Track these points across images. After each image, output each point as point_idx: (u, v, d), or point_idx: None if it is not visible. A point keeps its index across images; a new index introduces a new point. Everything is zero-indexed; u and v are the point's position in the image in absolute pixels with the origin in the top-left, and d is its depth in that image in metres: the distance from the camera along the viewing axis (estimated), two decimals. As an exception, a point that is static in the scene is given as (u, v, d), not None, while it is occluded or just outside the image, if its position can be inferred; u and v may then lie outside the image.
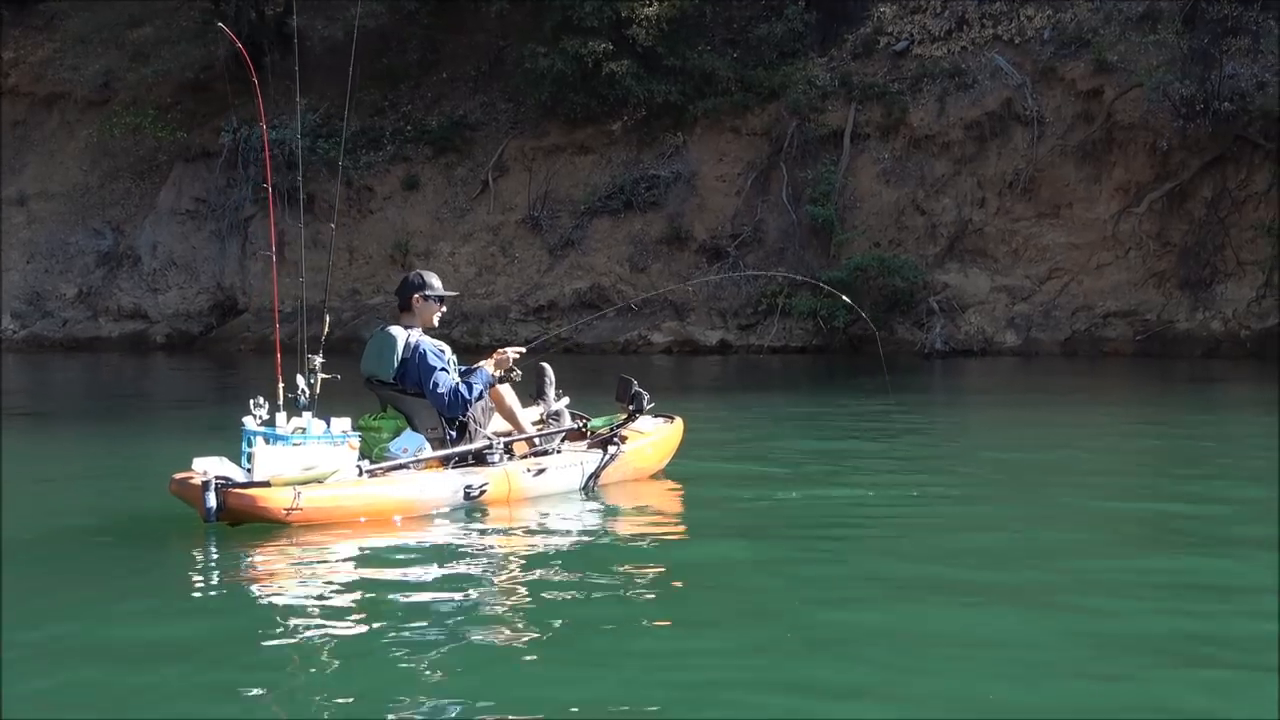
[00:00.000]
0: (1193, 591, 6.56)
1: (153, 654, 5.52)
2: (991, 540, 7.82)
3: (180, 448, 12.08)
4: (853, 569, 7.11)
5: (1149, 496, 9.76)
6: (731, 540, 7.90)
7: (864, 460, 11.63)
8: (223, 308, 32.44)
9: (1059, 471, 10.97)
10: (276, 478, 7.87)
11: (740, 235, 28.81)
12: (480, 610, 6.39)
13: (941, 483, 10.16)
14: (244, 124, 32.30)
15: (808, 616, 6.13)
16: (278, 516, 7.77)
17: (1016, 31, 28.77)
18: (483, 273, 30.46)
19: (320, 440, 8.15)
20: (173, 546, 7.78)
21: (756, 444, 12.80)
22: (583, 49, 28.76)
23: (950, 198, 27.95)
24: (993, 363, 25.04)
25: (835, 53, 30.34)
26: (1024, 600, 6.37)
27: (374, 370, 8.96)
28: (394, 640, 5.69)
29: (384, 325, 9.19)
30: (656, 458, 10.07)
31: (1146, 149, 26.37)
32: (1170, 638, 5.69)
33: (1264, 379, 21.16)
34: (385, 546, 7.63)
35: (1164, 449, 12.90)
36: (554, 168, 31.11)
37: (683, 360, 26.24)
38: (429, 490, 8.42)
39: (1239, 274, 25.30)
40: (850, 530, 8.21)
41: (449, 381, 8.72)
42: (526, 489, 8.91)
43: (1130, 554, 7.65)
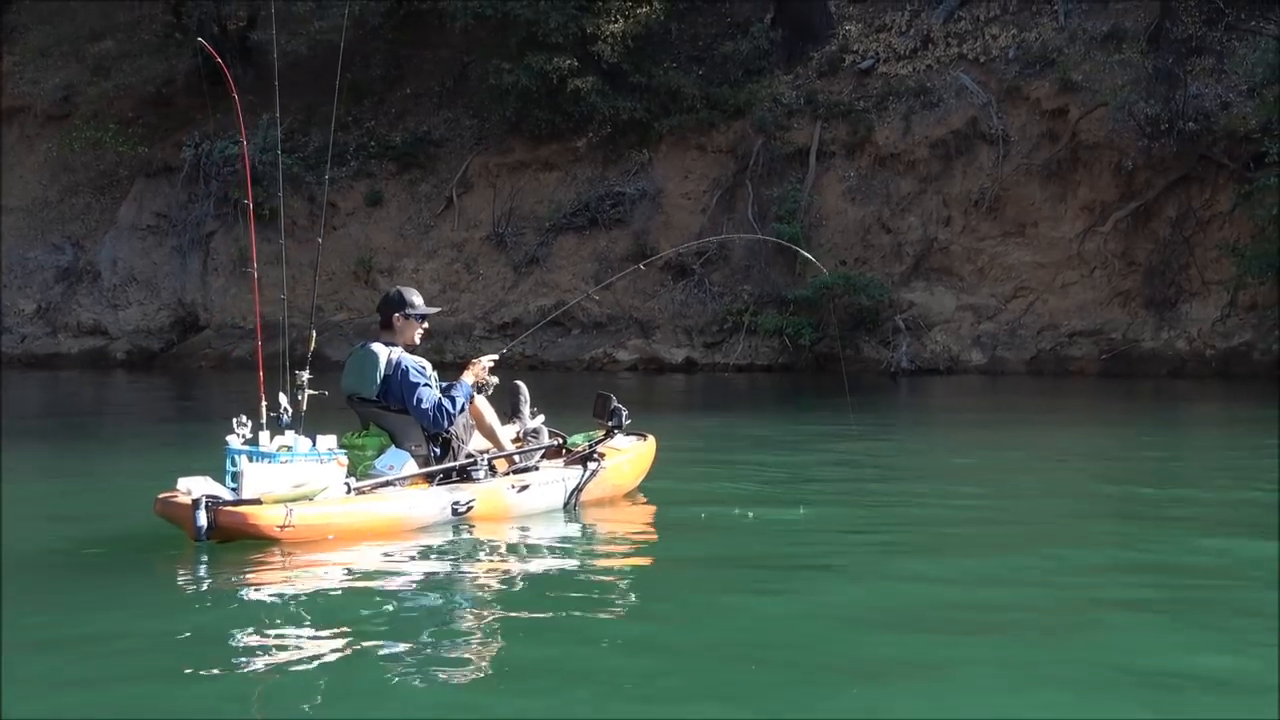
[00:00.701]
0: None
1: (145, 676, 5.49)
2: (957, 569, 7.67)
3: (152, 466, 11.98)
4: (827, 597, 6.98)
5: (1110, 535, 9.45)
6: (710, 565, 7.84)
7: (835, 482, 11.56)
8: (184, 324, 32.13)
9: (1019, 496, 10.81)
10: (267, 495, 7.83)
11: (706, 253, 28.68)
12: (470, 631, 6.38)
13: (915, 505, 10.08)
14: (205, 139, 32.10)
15: (778, 642, 6.06)
16: (270, 534, 7.72)
17: (982, 50, 28.79)
18: (447, 289, 30.25)
19: (308, 458, 8.10)
20: (162, 567, 7.67)
21: (727, 464, 12.69)
22: (548, 65, 28.62)
23: (916, 216, 27.92)
24: (959, 382, 25.00)
25: (801, 70, 30.29)
26: (990, 629, 6.27)
27: (355, 388, 8.89)
28: (384, 659, 5.72)
29: (364, 343, 9.12)
30: (633, 475, 10.07)
31: (1111, 168, 26.40)
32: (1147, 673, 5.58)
33: (1229, 398, 21.26)
34: (375, 566, 7.62)
35: (1126, 472, 12.75)
36: (519, 184, 30.96)
37: (648, 378, 26.10)
38: (418, 507, 8.42)
39: (1204, 293, 25.34)
40: (823, 554, 8.12)
41: (433, 397, 8.68)
42: (511, 506, 8.93)
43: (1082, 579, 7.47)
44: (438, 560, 7.82)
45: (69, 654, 5.80)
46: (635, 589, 7.32)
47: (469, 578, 7.54)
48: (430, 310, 9.18)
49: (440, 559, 7.85)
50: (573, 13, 28.61)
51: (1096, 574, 7.56)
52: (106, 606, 6.71)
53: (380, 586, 7.18)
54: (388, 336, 8.98)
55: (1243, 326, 24.80)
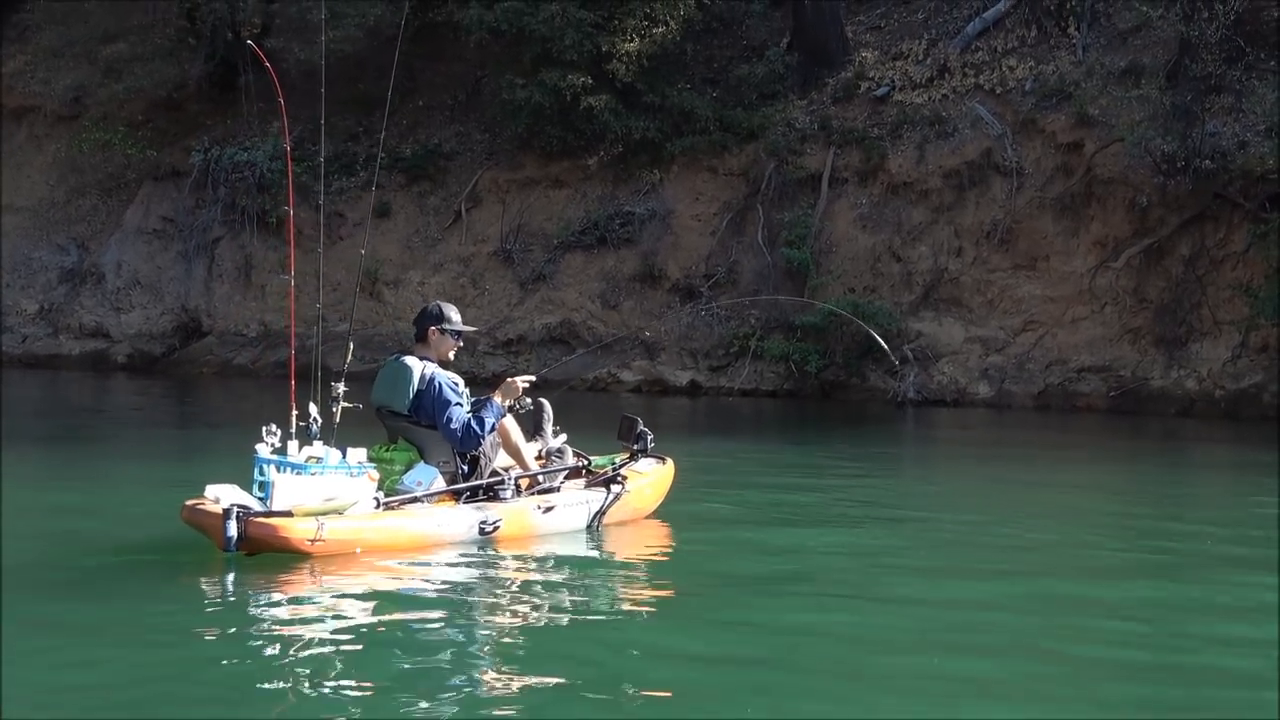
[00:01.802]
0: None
1: (168, 686, 5.56)
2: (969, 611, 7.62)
3: (163, 473, 12.04)
4: (843, 618, 7.15)
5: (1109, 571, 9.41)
6: (728, 587, 7.97)
7: (846, 507, 11.70)
8: (186, 330, 31.94)
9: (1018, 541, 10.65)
10: (299, 508, 7.77)
11: (714, 276, 28.51)
12: (495, 650, 6.43)
13: (924, 540, 10.02)
14: (215, 144, 31.96)
15: (798, 663, 6.24)
16: (300, 547, 7.69)
17: (998, 82, 28.61)
18: (452, 304, 29.99)
19: (338, 471, 8.07)
20: (189, 576, 7.65)
21: (739, 488, 12.75)
22: (561, 82, 28.46)
23: (927, 246, 27.72)
24: (965, 414, 24.78)
25: (815, 96, 30.13)
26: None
27: (387, 400, 8.88)
28: (412, 677, 5.82)
29: (398, 355, 9.13)
30: (654, 498, 10.15)
31: (1125, 204, 26.19)
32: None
33: (1239, 440, 21.01)
34: (404, 583, 7.65)
35: (1131, 518, 12.53)
36: (528, 200, 30.79)
37: (652, 400, 25.88)
38: (446, 525, 8.47)
39: (1215, 333, 25.11)
40: (838, 577, 8.33)
41: (463, 416, 8.67)
42: (536, 526, 9.03)
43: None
44: (465, 579, 7.87)
45: (97, 667, 5.78)
46: (659, 613, 7.40)
47: (495, 598, 7.55)
48: (467, 328, 9.30)
49: (467, 578, 7.91)
50: (588, 31, 28.44)
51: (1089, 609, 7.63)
52: (131, 617, 6.68)
53: (409, 604, 7.21)
54: (421, 350, 9.02)
55: (1254, 368, 24.55)
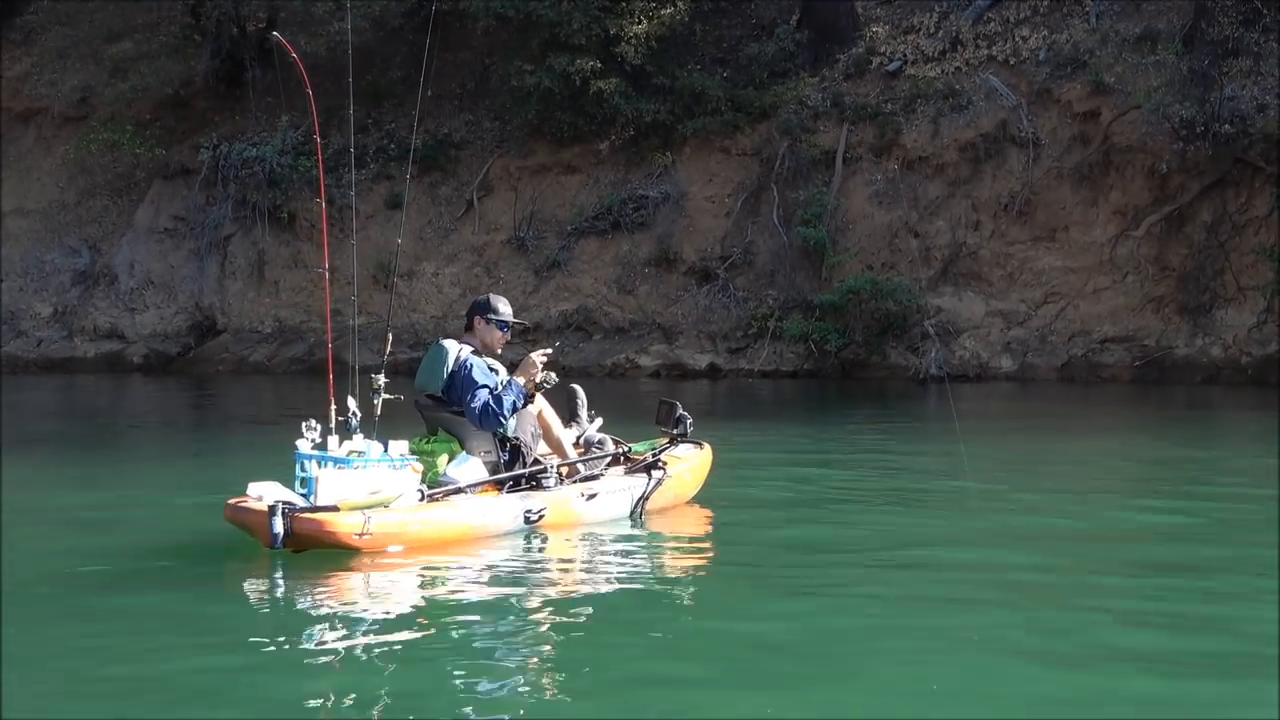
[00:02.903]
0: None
1: (222, 686, 5.54)
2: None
3: (193, 474, 12.02)
4: (890, 599, 6.94)
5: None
6: (773, 572, 7.92)
7: (879, 489, 11.54)
8: (201, 328, 31.79)
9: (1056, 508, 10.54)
10: (344, 502, 7.72)
11: (730, 257, 28.29)
12: (549, 645, 6.35)
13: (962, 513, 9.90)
14: (223, 140, 31.80)
15: (846, 649, 6.17)
16: (347, 542, 7.63)
17: (1011, 52, 28.32)
18: (467, 294, 29.82)
19: (381, 463, 8.02)
20: (236, 575, 7.61)
21: (771, 472, 12.58)
22: (570, 67, 28.23)
23: (944, 220, 27.46)
24: (988, 389, 24.53)
25: (827, 73, 29.86)
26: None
27: (426, 384, 8.86)
28: (460, 671, 5.77)
29: (439, 339, 9.11)
30: (695, 484, 10.08)
31: (1144, 172, 25.91)
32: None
33: (1265, 407, 20.73)
34: (454, 575, 7.64)
35: (1160, 485, 12.31)
36: (540, 187, 30.58)
37: (671, 384, 25.66)
38: (491, 515, 8.43)
39: (1239, 299, 24.84)
40: (880, 559, 8.18)
41: (484, 396, 8.61)
42: (580, 514, 8.96)
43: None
44: (514, 570, 7.83)
45: (148, 668, 5.73)
46: (708, 599, 7.31)
47: (545, 589, 7.47)
48: (516, 320, 9.17)
49: (516, 569, 7.87)
50: (596, 14, 28.19)
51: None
52: (180, 618, 6.65)
53: (460, 597, 7.20)
54: (468, 338, 8.98)
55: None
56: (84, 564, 7.85)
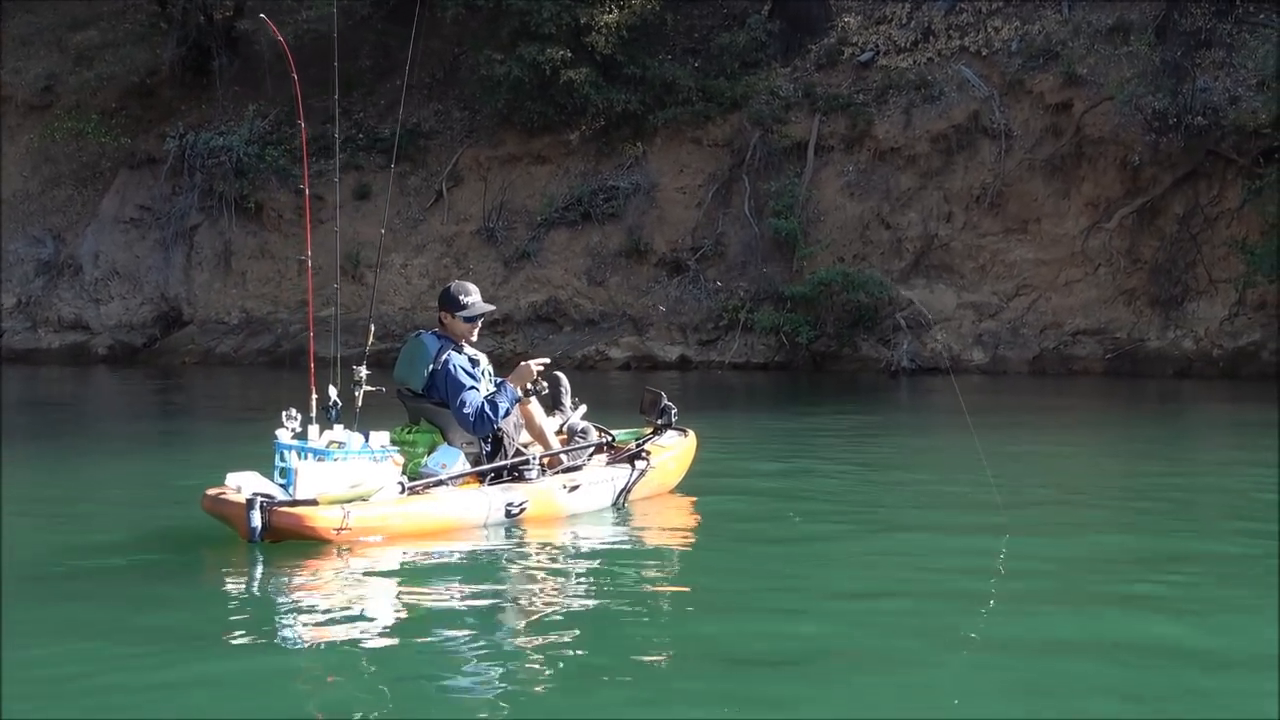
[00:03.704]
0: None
1: (195, 680, 5.46)
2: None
3: (166, 464, 12.15)
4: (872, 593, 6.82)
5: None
6: (757, 565, 7.86)
7: (859, 478, 11.51)
8: (167, 319, 31.48)
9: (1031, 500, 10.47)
10: (324, 495, 7.64)
11: (701, 248, 28.15)
12: (529, 638, 6.27)
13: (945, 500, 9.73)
14: (190, 130, 31.51)
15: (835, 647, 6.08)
16: (326, 536, 7.57)
17: (984, 43, 28.23)
18: (436, 285, 29.59)
19: (361, 455, 7.94)
20: (213, 568, 7.56)
21: (748, 463, 12.54)
22: (540, 56, 28.03)
23: (916, 212, 27.35)
24: (960, 381, 24.37)
25: (799, 63, 29.74)
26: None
27: (405, 378, 8.80)
28: (436, 668, 5.73)
29: (420, 332, 9.03)
30: (679, 472, 10.03)
31: (1117, 164, 25.84)
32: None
33: (1237, 399, 20.69)
34: (433, 570, 7.54)
35: (1131, 479, 12.19)
36: (510, 178, 30.38)
37: (641, 376, 25.48)
38: (473, 508, 8.36)
39: (1211, 292, 24.78)
40: (866, 548, 8.18)
41: (476, 401, 8.55)
42: (563, 506, 8.90)
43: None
44: (495, 564, 7.79)
45: (118, 664, 5.63)
46: (689, 595, 7.21)
47: (526, 582, 7.44)
48: (482, 310, 8.96)
49: (497, 563, 7.81)
50: (566, 3, 27.99)
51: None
52: (154, 611, 6.58)
53: (440, 592, 7.10)
54: (442, 330, 8.88)
55: (1251, 326, 24.25)
56: (57, 559, 7.73)
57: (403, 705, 5.19)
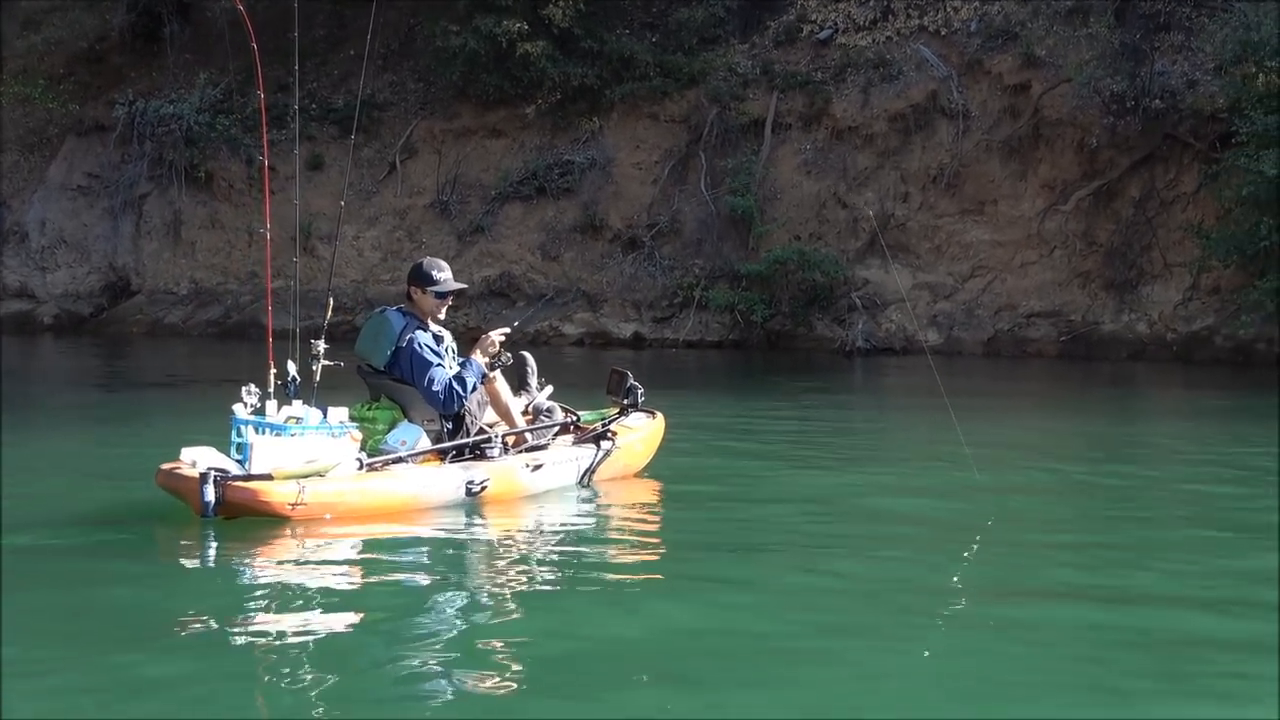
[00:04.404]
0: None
1: (144, 656, 5.34)
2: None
3: (116, 436, 11.89)
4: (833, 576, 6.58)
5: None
6: (719, 547, 7.75)
7: (819, 458, 11.33)
8: (114, 289, 31.10)
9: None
10: (279, 471, 7.52)
11: (657, 225, 28.00)
12: (483, 615, 6.21)
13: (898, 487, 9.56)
14: (139, 97, 31.08)
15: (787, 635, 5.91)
16: (280, 511, 7.43)
17: (943, 23, 28.14)
18: (388, 258, 29.42)
19: (319, 431, 7.81)
20: (165, 543, 7.41)
21: (710, 443, 12.36)
22: (496, 28, 27.78)
23: (873, 191, 27.26)
24: (914, 361, 24.33)
25: (757, 40, 29.58)
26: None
27: (367, 354, 8.64)
28: (393, 641, 5.63)
29: (384, 309, 8.89)
30: (646, 454, 9.87)
31: (1074, 146, 25.84)
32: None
33: (1190, 384, 20.69)
34: (388, 547, 7.38)
35: (1080, 463, 12.05)
36: (464, 151, 30.13)
37: (595, 353, 25.34)
38: (432, 486, 8.17)
39: (1166, 276, 24.82)
40: (827, 534, 8.03)
41: (444, 378, 8.43)
42: (525, 485, 8.73)
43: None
44: (452, 542, 7.61)
45: (67, 641, 5.50)
46: (648, 572, 7.14)
47: (483, 561, 7.34)
48: (453, 287, 8.86)
49: (454, 541, 7.64)
50: (523, -26, 27.76)
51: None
52: (102, 587, 6.41)
53: (395, 570, 6.97)
54: (409, 306, 8.76)
55: (1205, 310, 24.30)
56: (5, 534, 7.49)
57: (352, 685, 5.06)
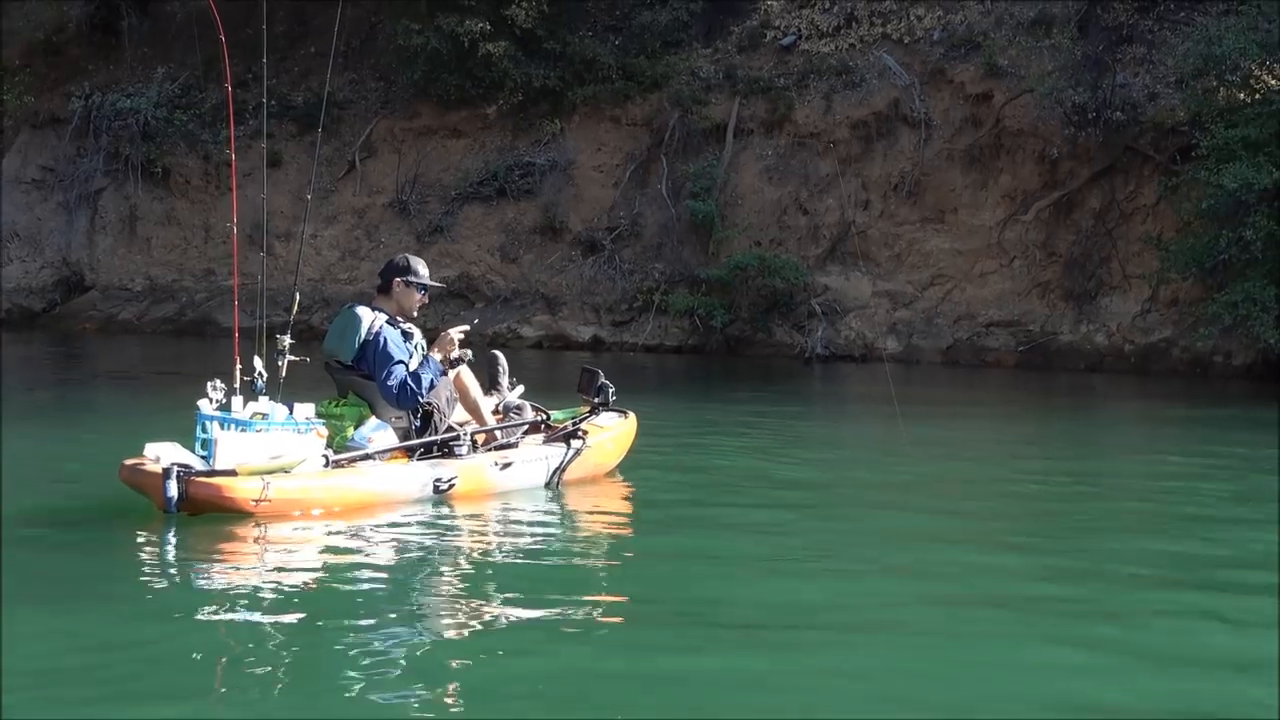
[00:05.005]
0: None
1: (107, 653, 5.27)
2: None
3: (75, 432, 11.70)
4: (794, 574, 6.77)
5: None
6: (688, 547, 7.69)
7: (782, 465, 11.15)
8: (68, 284, 30.81)
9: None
10: (243, 466, 7.47)
11: (617, 228, 27.91)
12: (447, 612, 6.18)
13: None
14: (96, 90, 30.77)
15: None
16: (244, 508, 7.39)
17: (906, 31, 28.14)
18: (346, 257, 29.23)
19: (284, 427, 7.74)
20: (127, 539, 7.30)
21: (668, 444, 12.21)
22: (459, 28, 27.64)
23: (834, 198, 27.23)
24: (873, 369, 24.30)
25: (720, 44, 29.52)
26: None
27: (335, 350, 8.59)
28: (352, 643, 5.51)
29: (353, 304, 8.85)
30: (617, 454, 9.86)
31: (1035, 156, 25.87)
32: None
33: (1148, 396, 20.71)
34: (353, 544, 7.30)
35: (1038, 475, 11.99)
36: (424, 150, 29.97)
37: (553, 356, 25.21)
38: (399, 483, 8.17)
39: (1124, 287, 24.86)
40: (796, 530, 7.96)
41: (400, 374, 8.39)
42: (493, 484, 8.70)
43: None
44: (417, 540, 7.53)
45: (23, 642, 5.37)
46: (615, 571, 7.16)
47: (448, 560, 7.22)
48: (435, 283, 8.94)
49: (419, 539, 7.57)
50: (486, -26, 27.62)
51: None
52: (63, 584, 6.35)
53: (357, 565, 6.90)
54: (381, 301, 8.73)
55: (1163, 322, 24.35)
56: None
57: (306, 685, 4.99)
